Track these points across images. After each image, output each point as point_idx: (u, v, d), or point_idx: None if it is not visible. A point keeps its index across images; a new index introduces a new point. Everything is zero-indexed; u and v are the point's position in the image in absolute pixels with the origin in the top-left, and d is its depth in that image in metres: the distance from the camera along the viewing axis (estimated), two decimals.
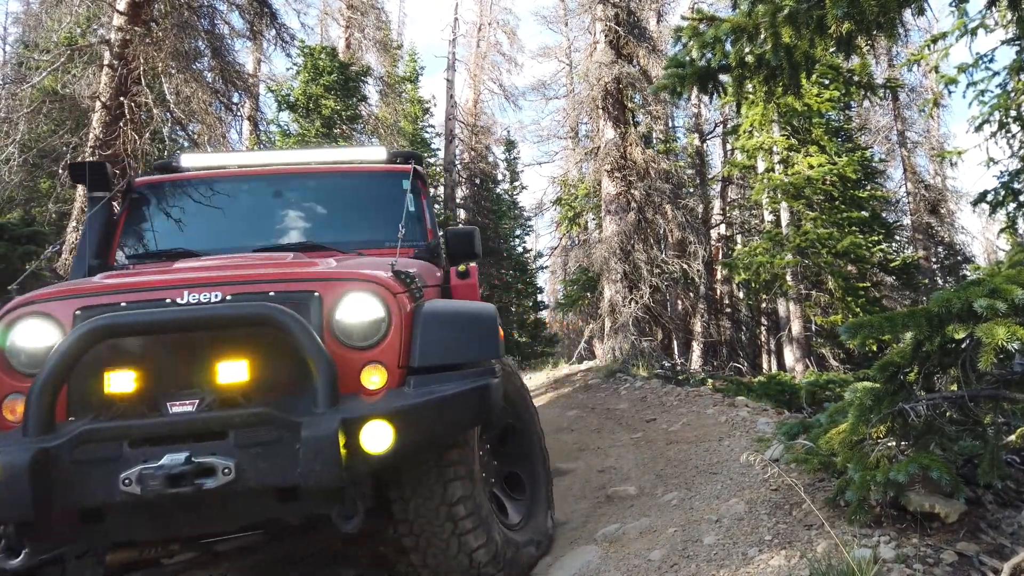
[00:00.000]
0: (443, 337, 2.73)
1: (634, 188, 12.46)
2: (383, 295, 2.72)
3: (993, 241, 23.77)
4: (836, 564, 2.37)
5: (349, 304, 2.69)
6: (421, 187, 4.18)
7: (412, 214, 4.02)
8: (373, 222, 4.04)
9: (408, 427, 2.44)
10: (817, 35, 3.73)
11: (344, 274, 2.80)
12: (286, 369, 2.58)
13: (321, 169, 4.34)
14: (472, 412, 2.65)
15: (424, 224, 4.06)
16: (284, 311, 2.46)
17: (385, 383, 2.65)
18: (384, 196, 4.11)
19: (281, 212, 4.18)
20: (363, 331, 2.69)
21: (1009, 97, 6.80)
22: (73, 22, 11.05)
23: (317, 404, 2.42)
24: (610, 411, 7.63)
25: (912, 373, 2.93)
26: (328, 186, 4.26)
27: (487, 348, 2.77)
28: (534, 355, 19.80)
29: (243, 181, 4.26)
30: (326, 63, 14.85)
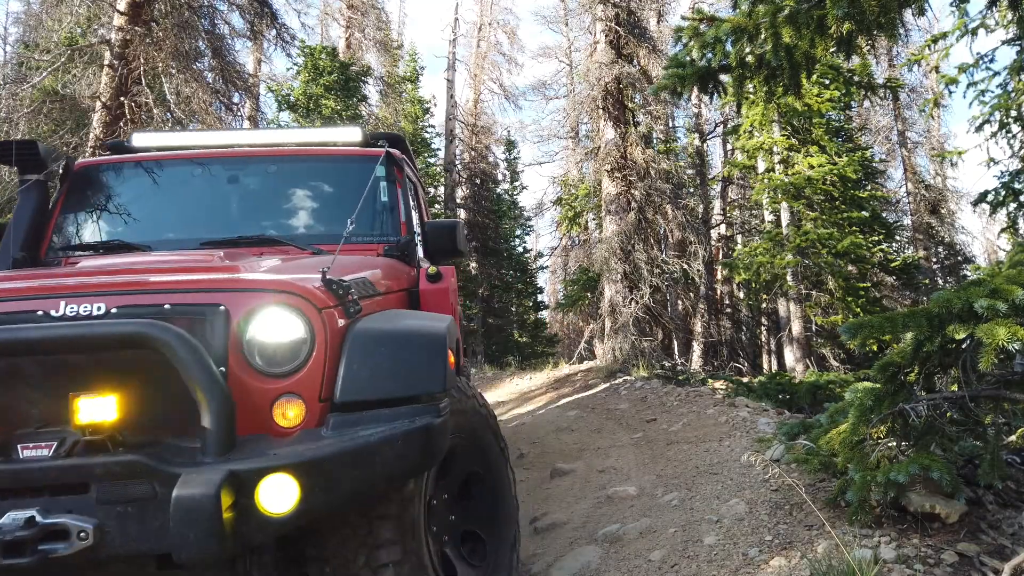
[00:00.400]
0: (375, 365, 2.19)
1: (634, 188, 12.45)
2: (305, 310, 2.19)
3: (993, 241, 23.78)
4: (837, 564, 2.37)
5: (262, 320, 2.16)
6: (397, 174, 3.65)
7: (384, 205, 3.57)
8: (340, 213, 3.46)
9: (319, 482, 1.95)
10: (817, 35, 3.73)
11: (258, 283, 2.27)
12: (171, 404, 2.07)
13: (282, 152, 3.81)
14: (405, 462, 2.10)
15: (397, 216, 3.55)
16: (167, 329, 1.97)
17: (302, 420, 2.15)
18: (354, 184, 3.55)
19: (237, 200, 3.71)
20: (278, 354, 2.17)
21: (1009, 97, 6.80)
22: (73, 22, 11.05)
23: (206, 450, 1.96)
24: (610, 411, 7.63)
25: (912, 373, 2.93)
26: (291, 171, 3.76)
27: (429, 378, 2.21)
28: (534, 355, 19.82)
29: (195, 164, 3.75)
30: (326, 63, 14.86)
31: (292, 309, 2.19)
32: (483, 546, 2.83)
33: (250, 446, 2.04)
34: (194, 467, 1.91)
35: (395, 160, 3.68)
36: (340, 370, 2.18)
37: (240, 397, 2.07)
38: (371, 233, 3.47)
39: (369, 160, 3.62)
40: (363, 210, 3.40)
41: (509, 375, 12.32)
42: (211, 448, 1.96)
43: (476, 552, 2.82)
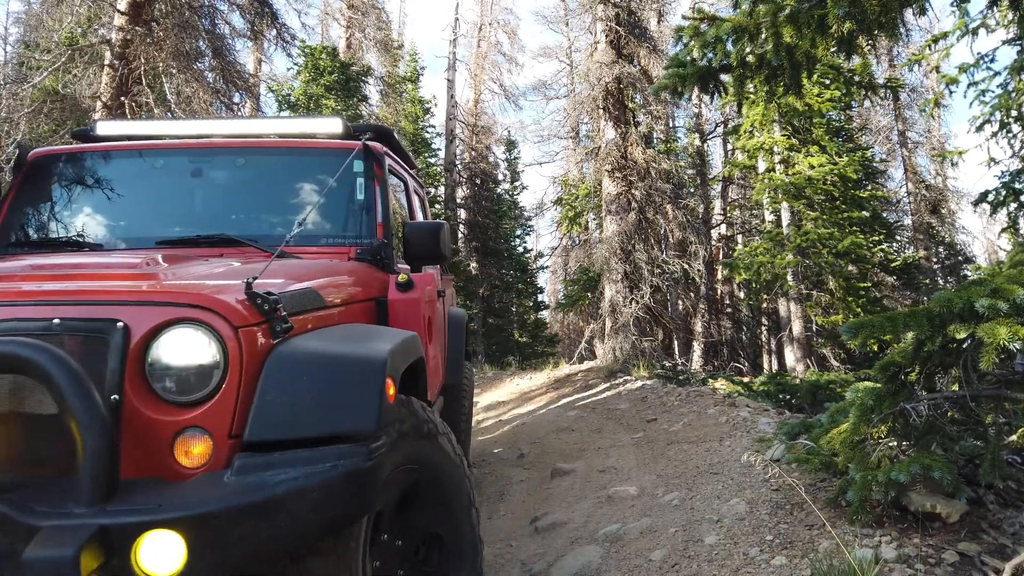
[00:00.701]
0: (293, 396, 1.85)
1: (635, 188, 12.45)
2: (219, 327, 1.85)
3: (994, 241, 23.79)
4: (837, 564, 2.37)
5: (166, 339, 1.84)
6: (376, 170, 3.29)
7: (360, 203, 3.22)
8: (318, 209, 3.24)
9: (211, 541, 1.64)
10: (818, 35, 3.73)
11: (164, 294, 1.95)
12: (45, 440, 1.78)
13: (251, 144, 3.49)
14: (322, 515, 1.76)
15: (373, 216, 3.20)
16: (41, 349, 1.67)
17: (207, 461, 1.81)
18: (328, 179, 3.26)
19: (203, 195, 3.43)
20: (183, 380, 1.84)
21: (1010, 97, 6.80)
22: (74, 22, 11.05)
23: (79, 498, 1.62)
24: (611, 411, 7.63)
25: (913, 373, 2.93)
26: (260, 164, 3.43)
27: (357, 414, 1.86)
28: (535, 355, 19.81)
29: (158, 156, 3.44)
30: (327, 63, 14.86)
31: (202, 327, 1.86)
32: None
33: (138, 492, 1.70)
34: (60, 519, 1.58)
35: (374, 154, 3.32)
36: (254, 403, 1.83)
37: (136, 431, 1.78)
38: (343, 234, 3.16)
39: (345, 154, 3.28)
40: (335, 208, 3.21)
41: (509, 375, 12.32)
42: (85, 495, 1.62)
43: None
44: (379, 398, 1.89)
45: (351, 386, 1.91)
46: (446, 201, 20.57)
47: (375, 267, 3.04)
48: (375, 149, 3.34)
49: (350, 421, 1.86)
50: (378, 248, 3.10)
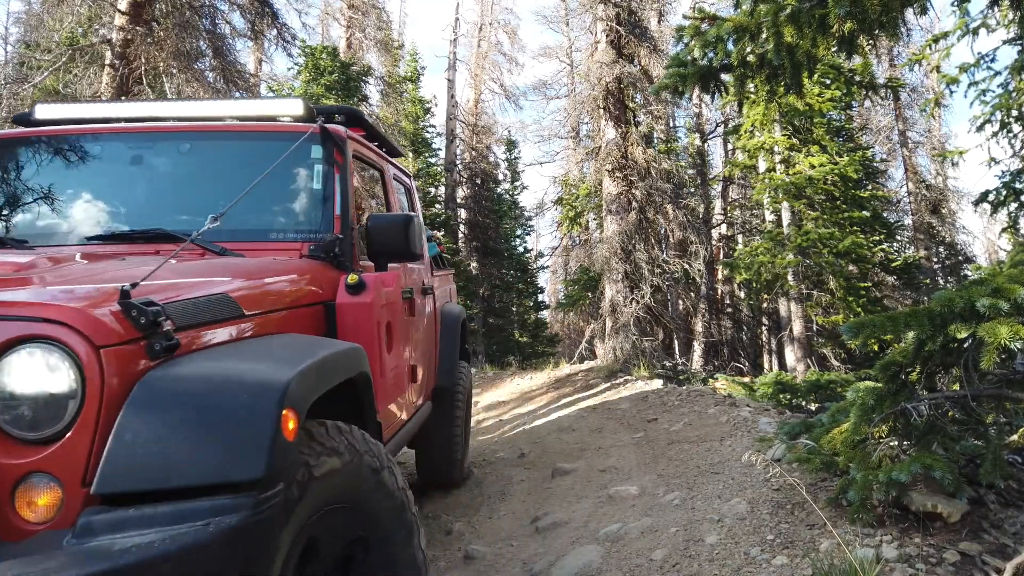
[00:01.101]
0: (159, 435, 1.47)
1: (635, 188, 12.45)
2: (77, 349, 1.50)
3: (994, 241, 23.77)
4: (839, 564, 2.37)
5: (11, 363, 1.50)
6: (336, 156, 2.95)
7: (316, 193, 2.91)
8: (263, 202, 2.93)
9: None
10: (819, 34, 3.73)
11: (13, 307, 1.57)
12: None
13: (197, 128, 3.14)
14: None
15: (331, 208, 2.87)
16: None
17: (55, 516, 1.46)
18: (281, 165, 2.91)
19: (144, 184, 3.10)
20: (30, 413, 1.49)
21: (1011, 97, 6.79)
22: (75, 22, 11.06)
23: None
24: (611, 411, 7.63)
25: (914, 373, 2.93)
26: (207, 150, 3.10)
27: (242, 458, 1.46)
28: (535, 355, 19.81)
29: (94, 141, 3.10)
30: (327, 63, 14.86)
31: (55, 346, 1.49)
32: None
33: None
34: None
35: (334, 138, 2.97)
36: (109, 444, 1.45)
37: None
38: (296, 228, 2.85)
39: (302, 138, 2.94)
40: (288, 199, 2.93)
41: (510, 375, 12.32)
42: None
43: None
44: (271, 436, 1.48)
45: (234, 421, 1.51)
46: (446, 201, 20.58)
47: (330, 265, 2.72)
48: (335, 132, 3.00)
49: (230, 466, 1.45)
50: (331, 244, 2.76)
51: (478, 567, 3.56)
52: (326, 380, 1.88)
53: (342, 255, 2.77)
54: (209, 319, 1.89)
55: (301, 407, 1.65)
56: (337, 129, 3.04)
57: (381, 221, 2.88)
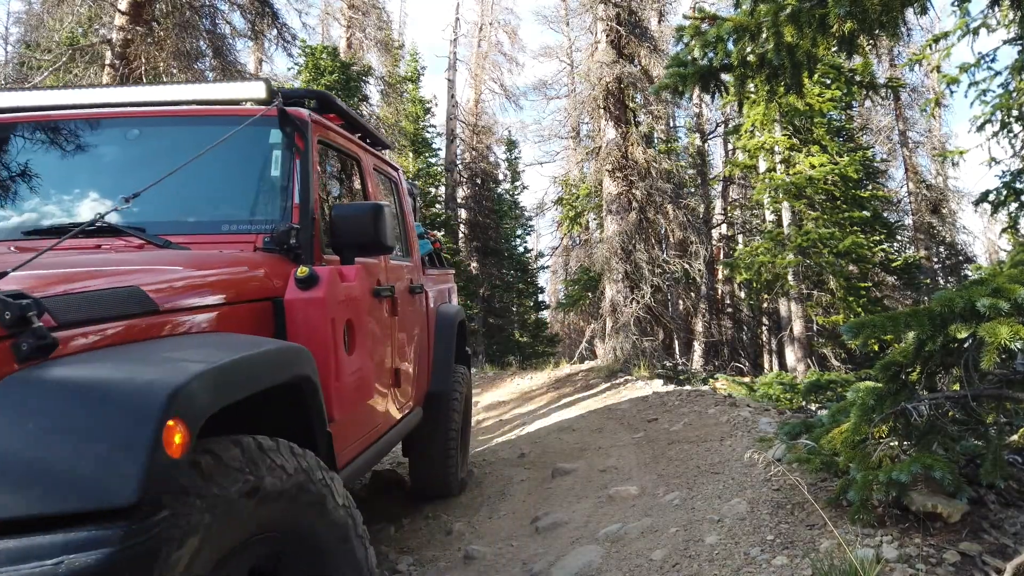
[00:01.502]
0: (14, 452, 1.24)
1: (635, 188, 12.45)
2: None
3: (995, 241, 23.76)
4: (839, 564, 2.37)
5: None
6: (297, 141, 2.74)
7: (273, 181, 2.71)
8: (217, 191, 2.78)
9: None
10: (819, 34, 3.73)
11: None
12: None
13: (148, 112, 2.94)
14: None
15: (289, 197, 2.65)
16: None
17: None
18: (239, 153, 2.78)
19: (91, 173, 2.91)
20: None
21: (1011, 97, 6.79)
22: (75, 22, 11.06)
23: None
24: (611, 411, 7.63)
25: (914, 373, 2.93)
26: (158, 137, 2.90)
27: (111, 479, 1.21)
28: (535, 355, 19.81)
29: (40, 130, 2.91)
30: (327, 63, 14.86)
31: None
32: None
33: None
34: None
35: (294, 122, 2.77)
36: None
37: None
38: (251, 219, 2.65)
39: (259, 122, 2.75)
40: (244, 187, 2.75)
41: (510, 375, 12.32)
42: None
43: None
44: (147, 452, 1.23)
45: (103, 435, 1.25)
46: (446, 201, 20.58)
47: (286, 259, 2.51)
48: (297, 116, 2.79)
49: (95, 491, 1.20)
50: (285, 235, 2.53)
51: (478, 567, 3.55)
52: (242, 386, 1.61)
53: (299, 247, 2.55)
54: (106, 315, 1.65)
55: (193, 417, 1.35)
56: (299, 112, 2.83)
57: (346, 211, 2.69)
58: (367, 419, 3.06)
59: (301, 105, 3.01)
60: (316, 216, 2.68)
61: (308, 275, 2.27)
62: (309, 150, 2.76)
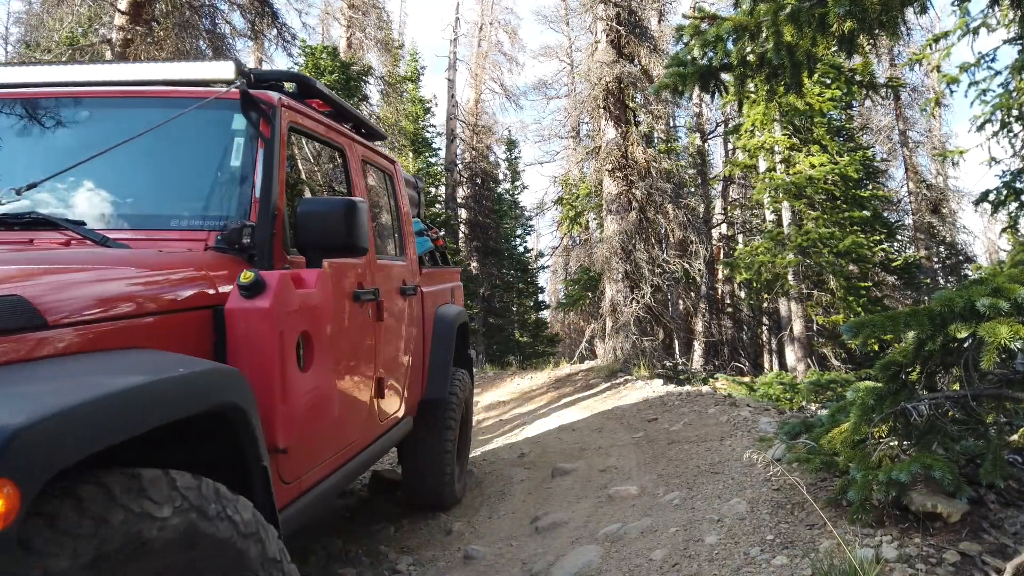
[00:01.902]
0: None
1: (635, 188, 12.45)
2: None
3: (995, 241, 23.76)
4: (839, 564, 2.37)
5: None
6: (263, 127, 2.45)
7: (233, 172, 2.43)
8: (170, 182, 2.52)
9: None
10: (819, 33, 3.73)
11: None
12: None
13: (98, 93, 2.64)
14: None
15: (248, 190, 2.37)
16: None
17: None
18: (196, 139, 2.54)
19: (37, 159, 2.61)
20: None
21: (1011, 96, 6.79)
22: (75, 22, 11.06)
23: None
24: (611, 410, 7.63)
25: (914, 372, 2.93)
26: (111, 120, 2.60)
27: None
28: (535, 355, 19.82)
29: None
30: (327, 63, 14.85)
31: None
32: None
33: None
34: None
35: (258, 106, 2.45)
36: None
37: None
38: (204, 214, 2.35)
39: (221, 107, 2.49)
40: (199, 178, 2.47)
41: (510, 375, 12.32)
42: None
43: None
44: None
45: None
46: (447, 201, 20.58)
47: (240, 260, 2.22)
48: (264, 100, 2.49)
49: None
50: (237, 233, 2.22)
51: (478, 567, 3.55)
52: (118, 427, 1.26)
53: (254, 247, 2.24)
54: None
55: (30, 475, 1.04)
56: (267, 96, 2.53)
57: (314, 207, 2.39)
58: (334, 439, 2.76)
59: (278, 89, 2.71)
60: (280, 212, 2.38)
61: (253, 281, 1.94)
62: (276, 138, 2.46)
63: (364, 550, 3.87)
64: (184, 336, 1.85)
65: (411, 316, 3.93)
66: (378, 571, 3.61)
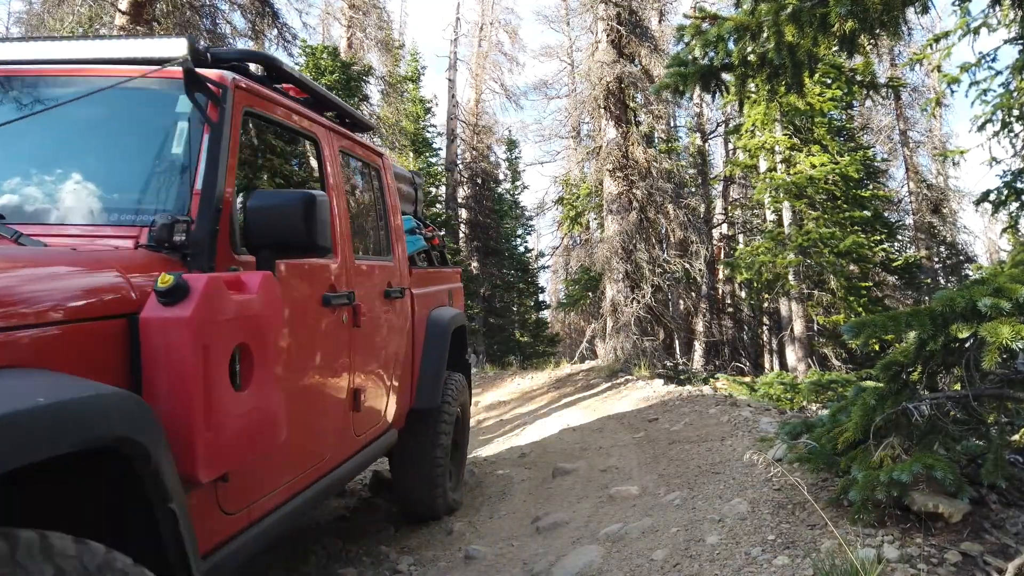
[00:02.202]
0: None
1: (636, 188, 12.45)
2: None
3: (995, 241, 23.75)
4: (840, 564, 2.36)
5: None
6: (211, 111, 2.19)
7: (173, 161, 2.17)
8: (103, 171, 2.25)
9: None
10: (820, 33, 3.72)
11: None
12: None
13: (26, 72, 2.37)
14: None
15: (189, 181, 2.11)
16: None
17: None
18: (134, 123, 2.31)
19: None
20: None
21: (1012, 96, 6.78)
22: (75, 22, 11.06)
23: None
24: (612, 410, 7.62)
25: (915, 372, 2.93)
26: (43, 102, 2.32)
27: None
28: (536, 355, 19.81)
29: None
30: (328, 63, 14.85)
31: None
32: None
33: None
34: None
35: (207, 87, 2.19)
36: None
37: None
38: (136, 208, 2.09)
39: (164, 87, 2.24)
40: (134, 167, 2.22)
41: (510, 375, 12.32)
42: None
43: None
44: None
45: None
46: (447, 201, 20.58)
47: (175, 260, 1.97)
48: (214, 80, 2.23)
49: None
50: (167, 229, 1.94)
51: (479, 567, 3.55)
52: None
53: (190, 246, 1.98)
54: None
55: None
56: (218, 75, 2.26)
57: (267, 200, 2.13)
58: (294, 460, 2.51)
59: (241, 71, 2.44)
60: (227, 207, 2.13)
61: (172, 285, 1.66)
62: (225, 123, 2.20)
63: (364, 550, 3.87)
64: (90, 351, 1.58)
65: (398, 320, 3.71)
66: (379, 571, 3.60)
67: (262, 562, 3.63)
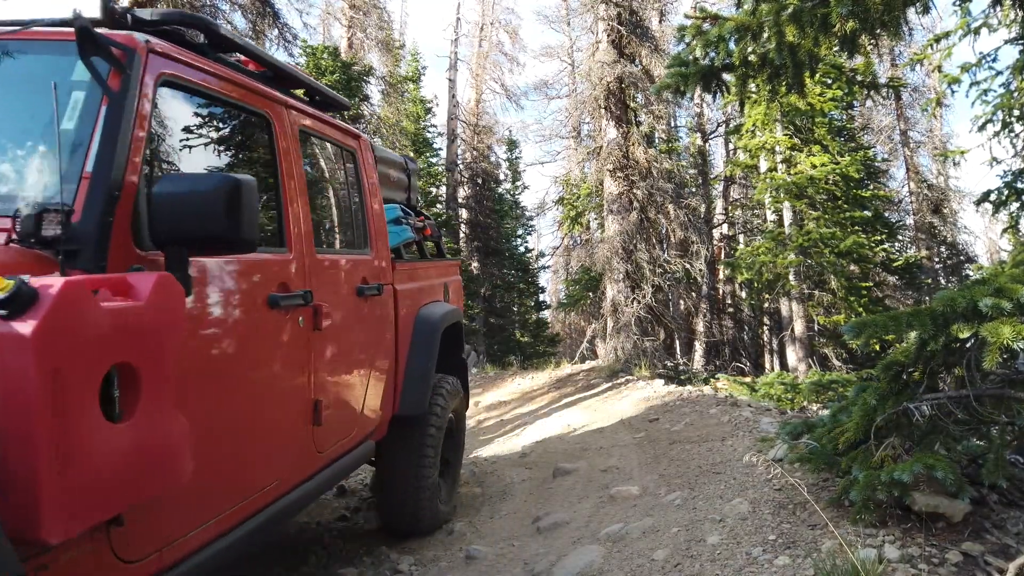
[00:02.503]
0: None
1: (636, 188, 12.45)
2: None
3: (996, 241, 23.74)
4: (841, 564, 2.36)
5: None
6: (112, 79, 1.85)
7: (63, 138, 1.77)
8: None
9: None
10: (821, 34, 3.73)
11: None
12: None
13: None
14: None
15: (80, 159, 1.77)
16: None
17: None
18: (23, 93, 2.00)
19: None
20: None
21: (1012, 96, 6.78)
22: None
23: None
24: (612, 410, 7.62)
25: (916, 373, 2.93)
26: None
27: None
28: (536, 355, 19.82)
29: None
30: (328, 63, 14.86)
31: None
32: None
33: None
34: None
35: (108, 50, 1.83)
36: None
37: None
38: (13, 195, 1.80)
39: (52, 50, 1.94)
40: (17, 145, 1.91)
41: (511, 375, 12.32)
42: None
43: None
44: None
45: None
46: (447, 201, 20.59)
47: (52, 258, 1.61)
48: (120, 43, 1.90)
49: None
50: (34, 221, 1.60)
51: (479, 567, 3.55)
52: None
53: (72, 240, 1.64)
54: None
55: None
56: (128, 38, 1.93)
57: (177, 186, 1.79)
58: (218, 494, 2.17)
59: (176, 39, 2.14)
60: (129, 194, 1.81)
61: (12, 292, 1.28)
62: (130, 94, 1.85)
63: (365, 550, 3.87)
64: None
65: (375, 320, 3.36)
66: (379, 571, 3.60)
67: (262, 562, 3.63)
